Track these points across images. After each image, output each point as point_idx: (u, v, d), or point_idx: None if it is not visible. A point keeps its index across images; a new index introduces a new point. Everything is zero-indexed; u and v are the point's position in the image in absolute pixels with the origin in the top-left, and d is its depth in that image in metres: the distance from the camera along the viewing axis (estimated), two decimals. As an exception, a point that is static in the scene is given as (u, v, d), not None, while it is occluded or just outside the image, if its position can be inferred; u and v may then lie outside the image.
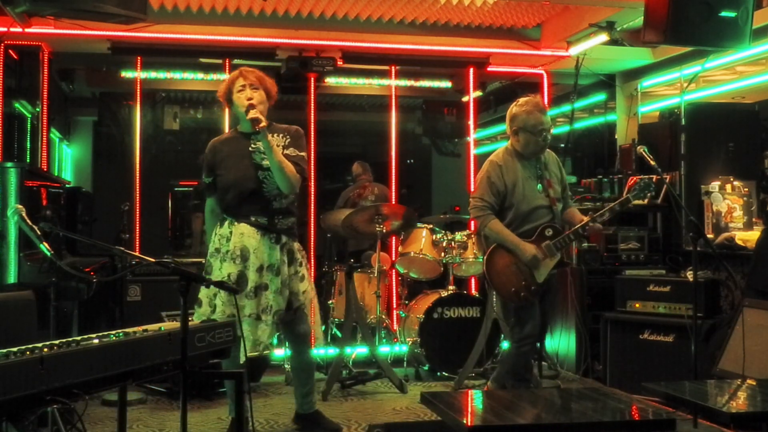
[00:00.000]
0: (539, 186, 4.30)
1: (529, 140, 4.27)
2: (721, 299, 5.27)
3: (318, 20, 6.20)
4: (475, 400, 3.29)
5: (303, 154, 4.08)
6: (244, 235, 3.93)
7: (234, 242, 3.93)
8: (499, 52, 6.65)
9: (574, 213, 4.48)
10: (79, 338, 2.55)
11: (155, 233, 8.14)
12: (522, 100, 4.36)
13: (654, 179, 5.01)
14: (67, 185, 5.99)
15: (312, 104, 6.61)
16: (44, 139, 6.08)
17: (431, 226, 6.07)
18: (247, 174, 3.98)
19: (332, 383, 5.19)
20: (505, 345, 5.56)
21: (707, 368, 4.60)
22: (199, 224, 9.76)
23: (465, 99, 7.43)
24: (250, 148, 4.04)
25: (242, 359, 3.80)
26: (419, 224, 6.03)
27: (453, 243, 5.88)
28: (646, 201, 4.52)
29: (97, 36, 5.82)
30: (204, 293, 3.97)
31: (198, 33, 6.05)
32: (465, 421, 2.67)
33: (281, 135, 4.09)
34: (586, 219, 4.32)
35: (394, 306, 6.40)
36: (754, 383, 3.46)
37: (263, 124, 3.84)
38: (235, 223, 3.97)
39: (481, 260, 4.76)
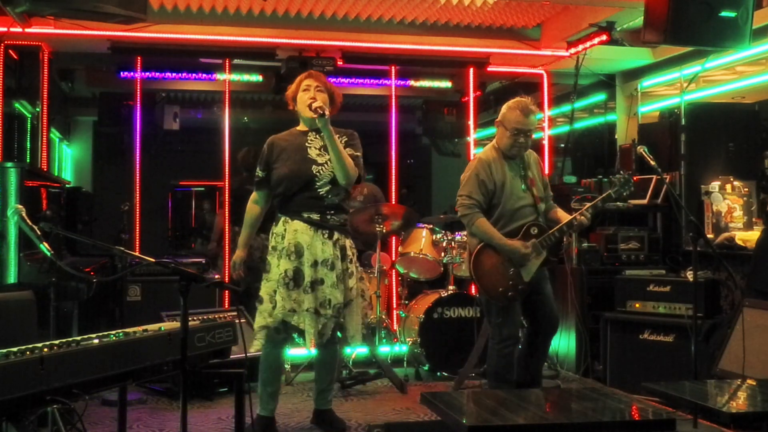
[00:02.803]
0: (523, 186, 4.34)
1: (503, 135, 4.32)
2: (721, 299, 5.27)
3: (318, 20, 6.20)
4: (475, 400, 3.29)
5: (359, 154, 4.22)
6: (297, 231, 4.04)
7: (288, 239, 4.04)
8: (499, 52, 6.65)
9: (558, 212, 4.51)
10: (79, 338, 2.55)
11: (155, 233, 8.15)
12: (516, 98, 4.40)
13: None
14: (67, 185, 5.99)
15: (312, 104, 6.60)
16: (44, 139, 6.08)
17: (431, 226, 6.07)
18: (301, 167, 4.08)
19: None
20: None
21: (707, 368, 4.60)
22: (198, 223, 9.74)
23: (465, 99, 7.44)
24: (306, 143, 4.16)
25: (307, 348, 4.11)
26: (419, 224, 6.03)
27: (453, 243, 5.88)
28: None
29: (97, 36, 5.82)
30: (265, 290, 4.06)
31: (198, 33, 6.05)
32: (465, 421, 2.67)
33: (338, 135, 4.20)
34: (570, 217, 4.36)
35: (394, 306, 6.40)
36: (754, 383, 3.46)
37: (327, 112, 3.97)
38: (289, 221, 4.08)
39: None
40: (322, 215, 4.08)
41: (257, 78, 7.09)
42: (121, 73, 6.93)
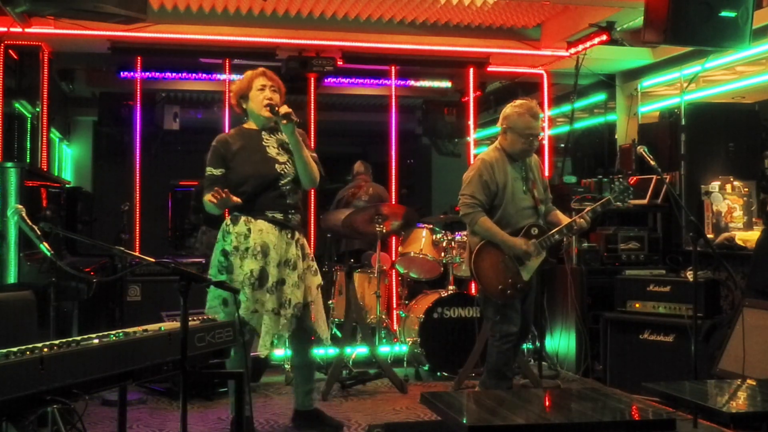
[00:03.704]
0: (524, 188, 4.40)
1: (516, 141, 4.36)
2: (721, 299, 5.26)
3: (318, 20, 6.20)
4: (475, 400, 3.29)
5: (315, 154, 4.20)
6: (263, 231, 3.99)
7: (254, 239, 3.98)
8: (499, 52, 6.65)
9: (558, 214, 4.57)
10: (79, 338, 2.55)
11: (155, 233, 8.14)
12: (518, 101, 4.46)
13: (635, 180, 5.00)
14: (67, 185, 5.99)
15: (312, 104, 6.62)
16: (44, 139, 6.08)
17: (431, 226, 6.07)
18: (265, 166, 4.04)
19: (332, 383, 5.19)
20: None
21: (707, 368, 4.59)
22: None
23: (465, 99, 7.44)
24: (263, 143, 4.11)
25: (265, 353, 3.97)
26: (419, 224, 6.03)
27: (453, 243, 5.88)
28: (630, 201, 4.54)
29: (97, 36, 5.83)
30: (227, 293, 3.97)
31: (198, 33, 6.05)
32: (465, 421, 2.67)
33: None
34: (570, 220, 4.43)
35: (394, 306, 6.40)
36: (754, 383, 3.46)
37: (295, 118, 3.94)
38: (252, 220, 4.02)
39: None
40: (284, 215, 4.05)
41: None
42: (121, 73, 6.93)
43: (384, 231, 5.49)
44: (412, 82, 7.68)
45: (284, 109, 3.97)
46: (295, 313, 4.00)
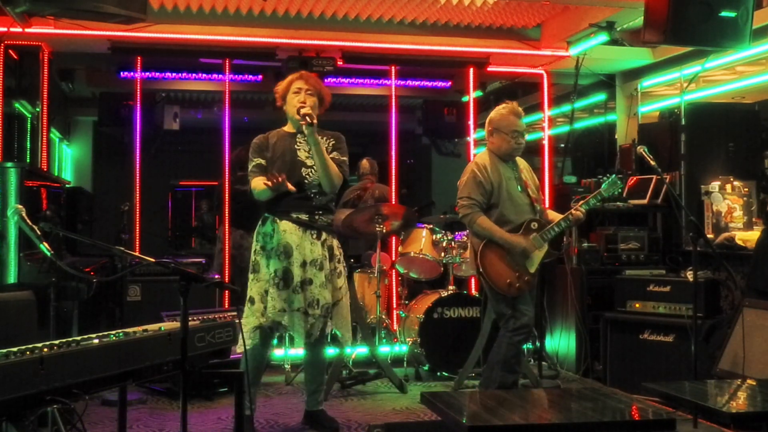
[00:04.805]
0: (519, 187, 4.51)
1: (503, 141, 4.49)
2: (721, 299, 5.26)
3: (318, 20, 6.20)
4: (475, 400, 3.29)
5: (345, 158, 4.23)
6: (286, 232, 4.05)
7: (277, 239, 4.04)
8: (499, 52, 6.65)
9: (551, 212, 4.69)
10: (79, 338, 2.55)
11: (155, 233, 8.15)
12: (499, 106, 4.60)
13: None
14: (67, 185, 6.00)
15: (312, 104, 6.60)
16: (44, 139, 6.08)
17: (431, 226, 6.07)
18: (290, 169, 4.08)
19: (332, 383, 5.19)
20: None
21: (707, 368, 4.60)
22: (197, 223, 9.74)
23: (465, 99, 7.43)
24: (295, 146, 4.17)
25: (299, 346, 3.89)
26: (419, 224, 6.03)
27: (453, 243, 5.88)
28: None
29: (97, 36, 5.82)
30: (255, 290, 4.06)
31: (198, 33, 6.05)
32: (465, 421, 2.67)
33: (325, 138, 4.23)
34: (567, 213, 4.54)
35: (394, 306, 6.40)
36: (754, 383, 3.46)
37: (314, 120, 3.98)
38: (277, 221, 4.08)
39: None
40: (310, 216, 4.10)
41: (257, 78, 7.09)
42: (121, 73, 6.93)
43: (384, 231, 5.49)
44: (412, 82, 7.68)
45: (305, 110, 4.00)
46: (323, 314, 4.06)
